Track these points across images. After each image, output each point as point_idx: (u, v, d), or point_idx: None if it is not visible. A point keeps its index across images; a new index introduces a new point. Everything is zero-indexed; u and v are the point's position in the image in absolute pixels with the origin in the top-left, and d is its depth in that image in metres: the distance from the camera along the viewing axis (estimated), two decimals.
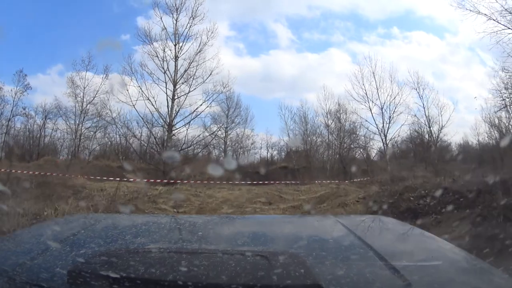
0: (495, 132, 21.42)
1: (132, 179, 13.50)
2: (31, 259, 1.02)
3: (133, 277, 0.80)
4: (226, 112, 22.41)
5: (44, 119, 24.23)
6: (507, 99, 19.40)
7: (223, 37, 31.77)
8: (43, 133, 24.76)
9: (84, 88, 22.72)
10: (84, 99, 22.91)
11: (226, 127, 22.53)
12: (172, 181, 13.96)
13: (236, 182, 13.51)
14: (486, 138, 22.98)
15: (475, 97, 29.19)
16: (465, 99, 20.45)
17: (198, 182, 13.15)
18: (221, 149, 24.09)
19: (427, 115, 20.90)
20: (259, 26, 38.37)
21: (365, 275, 0.91)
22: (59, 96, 23.26)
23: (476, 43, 35.90)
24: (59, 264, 0.97)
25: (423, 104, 21.07)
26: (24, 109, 22.81)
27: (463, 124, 36.03)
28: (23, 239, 1.35)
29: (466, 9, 16.82)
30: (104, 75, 22.05)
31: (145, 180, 13.76)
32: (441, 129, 20.84)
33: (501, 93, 20.43)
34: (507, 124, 21.22)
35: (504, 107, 20.20)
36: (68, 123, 23.50)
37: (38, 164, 22.18)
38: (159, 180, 14.09)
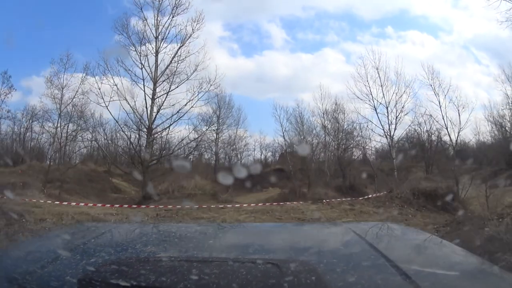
0: (498, 130, 20.72)
1: (83, 203, 12.09)
2: (41, 267, 1.02)
3: (144, 285, 0.79)
4: (217, 112, 21.26)
5: (29, 122, 23.05)
6: None
7: (216, 37, 30.81)
8: (28, 136, 23.56)
9: (63, 88, 21.42)
10: (63, 100, 21.59)
11: (217, 129, 21.32)
12: (135, 205, 12.27)
13: (221, 206, 11.64)
14: (489, 137, 22.30)
15: None
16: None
17: (168, 207, 11.18)
18: (213, 152, 23.06)
19: (444, 114, 18.56)
20: (254, 26, 38.25)
21: (376, 282, 0.89)
22: (44, 98, 21.79)
23: (470, 41, 35.95)
24: (69, 272, 0.97)
25: (439, 102, 18.74)
26: (8, 112, 21.55)
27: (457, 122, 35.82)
28: (34, 248, 1.34)
29: None
30: (84, 74, 20.13)
31: (100, 205, 12.32)
32: (460, 130, 18.51)
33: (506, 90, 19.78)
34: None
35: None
36: (45, 126, 22.12)
37: (21, 169, 21.03)
38: (117, 205, 12.35)
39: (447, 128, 18.62)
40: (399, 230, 1.62)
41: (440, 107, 18.74)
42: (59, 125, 22.18)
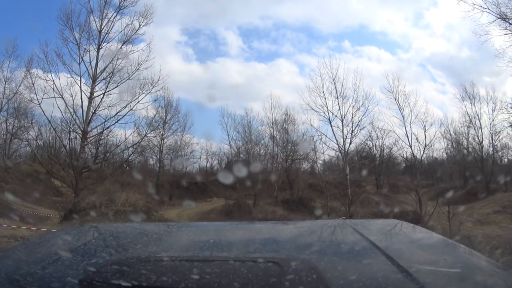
0: (455, 148, 20.22)
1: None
2: (43, 268, 1.02)
3: (145, 285, 0.80)
4: (163, 116, 20.00)
5: None
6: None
7: (173, 41, 29.76)
8: None
9: (5, 81, 19.94)
10: (5, 95, 20.13)
11: (162, 133, 20.05)
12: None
13: None
14: (444, 154, 21.79)
15: None
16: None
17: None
18: (156, 158, 21.87)
19: (409, 130, 17.58)
20: (211, 32, 37.92)
21: (378, 279, 0.90)
22: None
23: (428, 59, 36.45)
24: (70, 273, 0.97)
25: (403, 118, 17.74)
26: None
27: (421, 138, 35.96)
28: (35, 249, 1.34)
29: (472, 4, 14.86)
30: (27, 68, 18.59)
31: (5, 225, 11.05)
32: (426, 147, 17.76)
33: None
34: (469, 139, 20.03)
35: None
36: None
37: None
38: (25, 227, 11.12)
39: (411, 146, 17.83)
40: (400, 227, 1.55)
41: (404, 122, 17.90)
42: None
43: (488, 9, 15.41)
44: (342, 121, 17.82)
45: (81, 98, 16.39)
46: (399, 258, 0.98)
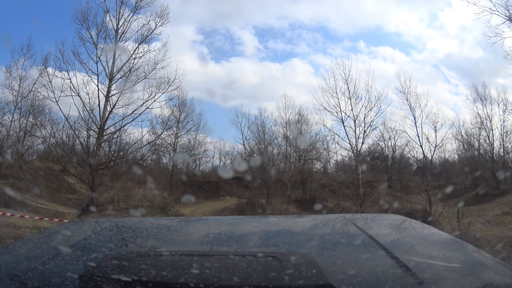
0: (467, 149, 20.39)
1: (9, 213, 11.00)
2: (43, 263, 1.02)
3: (145, 280, 0.80)
4: (177, 116, 20.26)
5: None
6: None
7: (189, 40, 29.95)
8: None
9: (20, 80, 20.21)
10: (20, 93, 20.39)
11: (176, 133, 20.28)
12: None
13: None
14: (455, 155, 21.93)
15: None
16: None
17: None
18: (170, 156, 22.12)
19: (420, 131, 17.75)
20: (226, 32, 38.01)
21: (377, 274, 0.90)
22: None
23: (441, 60, 36.60)
24: (70, 268, 0.98)
25: (415, 118, 17.85)
26: None
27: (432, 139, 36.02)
28: (35, 244, 1.35)
29: (482, 6, 15.14)
30: (44, 66, 18.81)
31: (28, 216, 11.28)
32: (436, 147, 17.77)
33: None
34: (480, 140, 20.18)
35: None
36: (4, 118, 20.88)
37: None
38: (47, 218, 11.38)
39: (421, 146, 17.88)
40: (399, 221, 1.57)
41: (415, 123, 17.99)
42: (13, 118, 21.08)
43: (497, 11, 15.65)
44: (354, 121, 17.97)
45: (98, 96, 16.58)
46: (398, 252, 0.99)
